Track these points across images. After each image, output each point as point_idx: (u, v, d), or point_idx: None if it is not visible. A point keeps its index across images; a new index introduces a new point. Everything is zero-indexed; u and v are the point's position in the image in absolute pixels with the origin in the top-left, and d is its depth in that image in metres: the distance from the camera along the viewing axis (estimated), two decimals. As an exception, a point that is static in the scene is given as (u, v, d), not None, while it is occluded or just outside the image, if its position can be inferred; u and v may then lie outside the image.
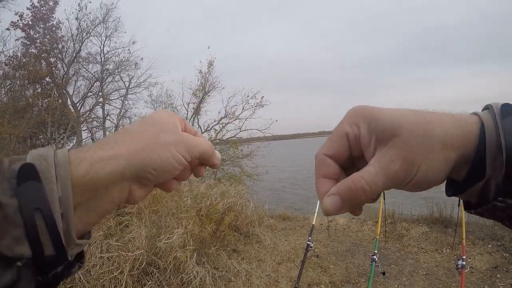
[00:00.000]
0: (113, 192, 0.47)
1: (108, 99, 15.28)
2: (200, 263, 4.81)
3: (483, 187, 0.44)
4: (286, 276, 5.35)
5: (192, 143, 0.54)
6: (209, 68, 13.88)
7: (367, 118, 0.46)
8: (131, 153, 0.48)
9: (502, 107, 0.44)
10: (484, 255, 5.84)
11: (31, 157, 0.42)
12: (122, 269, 3.99)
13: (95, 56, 14.99)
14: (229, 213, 6.26)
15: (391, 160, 0.43)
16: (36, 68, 12.66)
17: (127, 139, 0.49)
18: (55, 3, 14.48)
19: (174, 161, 0.51)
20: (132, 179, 0.48)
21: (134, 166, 0.47)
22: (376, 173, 0.43)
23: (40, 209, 0.39)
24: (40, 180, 0.40)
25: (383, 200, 5.35)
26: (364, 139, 0.46)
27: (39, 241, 0.38)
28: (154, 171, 0.49)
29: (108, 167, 0.45)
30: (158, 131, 0.52)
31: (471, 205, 0.48)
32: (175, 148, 0.51)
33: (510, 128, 0.41)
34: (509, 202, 0.41)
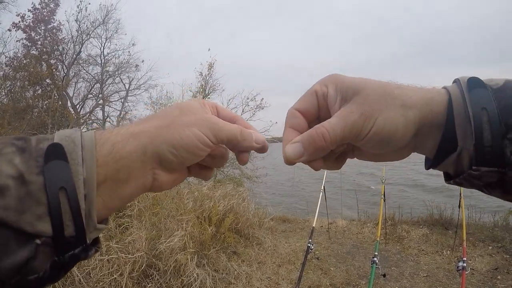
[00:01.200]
0: (136, 174, 0.46)
1: (108, 101, 15.30)
2: (200, 265, 4.80)
3: (457, 158, 0.46)
4: (287, 279, 5.34)
5: (217, 124, 0.51)
6: (209, 70, 13.88)
7: (335, 80, 0.52)
8: (151, 131, 0.47)
9: (469, 80, 0.47)
10: (485, 256, 5.83)
11: (58, 138, 0.42)
12: (122, 272, 3.98)
13: (95, 58, 15.04)
14: (230, 215, 6.25)
15: (350, 111, 0.48)
16: (37, 69, 12.67)
17: (150, 120, 0.49)
18: (56, 5, 14.51)
19: (195, 140, 0.48)
20: (154, 159, 0.47)
21: (154, 144, 0.46)
22: (336, 122, 0.48)
23: (65, 188, 0.39)
24: (67, 160, 0.40)
25: (383, 202, 5.34)
26: (331, 97, 0.52)
27: (61, 220, 0.38)
28: (175, 149, 0.47)
29: (129, 145, 0.45)
30: (181, 113, 0.51)
31: (450, 176, 0.50)
32: (197, 127, 0.49)
33: (477, 99, 0.44)
34: (483, 169, 0.43)
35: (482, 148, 0.42)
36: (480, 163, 0.43)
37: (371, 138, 0.48)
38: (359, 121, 0.48)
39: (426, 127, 0.48)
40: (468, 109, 0.44)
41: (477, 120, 0.43)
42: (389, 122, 0.47)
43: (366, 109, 0.48)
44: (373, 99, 0.48)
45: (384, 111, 0.47)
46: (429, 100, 0.47)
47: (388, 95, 0.48)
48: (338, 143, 0.50)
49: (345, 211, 10.02)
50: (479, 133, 0.42)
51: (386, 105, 0.47)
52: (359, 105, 0.48)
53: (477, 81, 0.46)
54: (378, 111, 0.47)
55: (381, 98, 0.48)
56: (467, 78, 0.47)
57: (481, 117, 0.43)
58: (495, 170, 0.43)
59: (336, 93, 0.51)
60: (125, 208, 4.86)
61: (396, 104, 0.47)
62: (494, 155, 0.42)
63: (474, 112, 0.43)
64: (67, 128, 0.49)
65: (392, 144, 0.49)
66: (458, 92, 0.46)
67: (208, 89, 13.92)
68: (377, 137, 0.48)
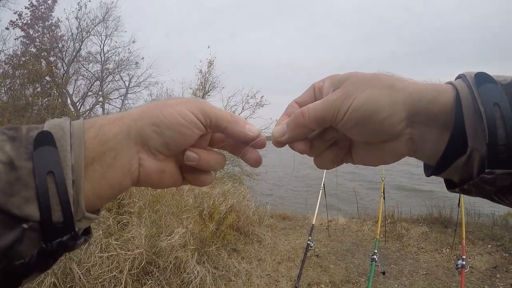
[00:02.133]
0: (122, 157, 0.46)
1: (108, 98, 15.28)
2: (200, 263, 4.81)
3: (467, 160, 0.42)
4: (286, 276, 5.35)
5: (206, 103, 0.51)
6: (209, 67, 13.88)
7: (332, 76, 0.54)
8: (136, 113, 0.48)
9: (476, 76, 0.43)
10: (484, 255, 5.84)
11: (48, 126, 0.43)
12: (121, 268, 3.98)
13: (95, 55, 15.01)
14: (231, 213, 6.26)
15: (333, 93, 0.49)
16: (36, 67, 12.65)
17: (140, 107, 0.50)
18: (54, 2, 14.46)
19: (178, 116, 0.48)
20: (138, 140, 0.47)
21: (138, 125, 0.47)
22: (317, 103, 0.50)
23: (53, 172, 0.39)
24: (56, 146, 0.41)
25: (383, 200, 5.34)
26: (325, 89, 0.54)
27: (49, 204, 0.38)
28: (157, 127, 0.47)
29: (114, 127, 0.46)
30: (170, 99, 0.51)
31: (454, 184, 0.47)
32: (184, 105, 0.49)
33: (487, 95, 0.41)
34: (498, 172, 0.39)
35: (496, 147, 0.39)
36: (494, 165, 0.39)
37: (350, 116, 0.47)
38: (339, 99, 0.48)
39: (424, 118, 0.45)
40: (478, 105, 0.40)
41: (490, 116, 0.39)
42: (370, 98, 0.46)
43: (349, 89, 0.48)
44: (359, 81, 0.48)
45: (367, 89, 0.46)
46: (431, 92, 0.44)
47: (376, 78, 0.48)
48: (318, 121, 0.50)
49: (345, 208, 10.04)
50: (493, 130, 0.39)
51: (371, 85, 0.47)
52: (343, 88, 0.49)
53: (485, 76, 0.43)
54: (361, 90, 0.47)
55: (367, 80, 0.48)
56: (474, 73, 0.44)
57: (494, 113, 0.39)
58: (510, 172, 0.39)
59: (330, 86, 0.53)
60: (125, 205, 4.87)
61: (383, 84, 0.46)
62: (509, 154, 0.39)
63: (486, 108, 0.39)
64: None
65: (376, 125, 0.46)
66: (465, 87, 0.43)
67: (208, 86, 13.93)
68: (356, 114, 0.46)
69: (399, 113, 0.45)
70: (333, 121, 0.49)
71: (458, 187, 0.46)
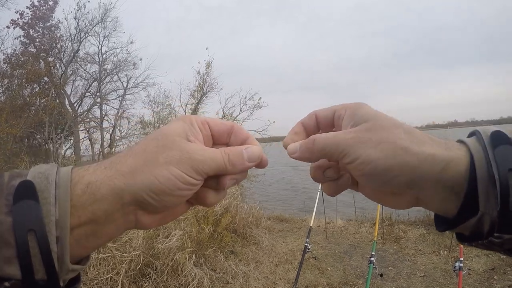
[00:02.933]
0: (114, 217, 0.44)
1: (106, 99, 15.30)
2: (198, 265, 4.80)
3: (477, 222, 0.42)
4: (284, 278, 5.34)
5: (199, 158, 0.46)
6: (207, 69, 13.94)
7: (354, 108, 0.51)
8: (126, 174, 0.44)
9: (492, 136, 0.43)
10: (482, 257, 5.83)
11: (32, 174, 0.40)
12: (118, 270, 3.97)
13: (93, 56, 15.04)
14: (226, 214, 6.25)
15: (348, 132, 0.48)
16: (35, 67, 12.65)
17: (128, 159, 0.45)
18: (55, 3, 14.50)
19: (176, 181, 0.44)
20: (132, 204, 0.44)
21: (130, 190, 0.43)
22: (329, 135, 0.49)
23: (34, 230, 0.37)
24: (38, 200, 0.38)
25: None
26: (345, 121, 0.51)
27: (30, 264, 0.37)
28: (155, 195, 0.44)
29: (103, 188, 0.42)
30: (159, 148, 0.46)
31: (464, 237, 0.47)
32: (177, 166, 0.44)
33: (503, 159, 0.40)
34: (506, 237, 0.40)
35: (508, 214, 0.38)
36: (503, 230, 0.39)
37: (358, 167, 0.46)
38: (348, 142, 0.46)
39: (433, 184, 0.44)
40: (492, 170, 0.40)
41: (504, 183, 0.38)
42: (381, 157, 0.44)
43: (364, 136, 0.46)
44: (376, 130, 0.46)
45: (381, 145, 0.45)
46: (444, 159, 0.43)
47: (394, 133, 0.46)
48: (324, 155, 0.50)
49: (342, 210, 10.03)
50: (505, 197, 0.38)
51: (386, 141, 0.45)
52: (358, 130, 0.47)
53: (502, 136, 0.42)
54: (375, 143, 0.45)
55: (385, 132, 0.46)
56: (490, 132, 0.43)
57: (508, 180, 0.38)
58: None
59: (350, 118, 0.50)
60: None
61: (398, 143, 0.44)
62: None
63: (501, 173, 0.39)
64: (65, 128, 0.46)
65: (382, 182, 0.46)
66: (480, 149, 0.42)
67: (206, 87, 13.95)
68: (365, 167, 0.46)
69: (405, 176, 0.44)
70: (340, 161, 0.49)
71: (468, 242, 0.46)
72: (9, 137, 9.82)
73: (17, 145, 11.00)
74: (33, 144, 13.25)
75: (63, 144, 13.82)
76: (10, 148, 9.74)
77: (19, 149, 10.52)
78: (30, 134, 12.34)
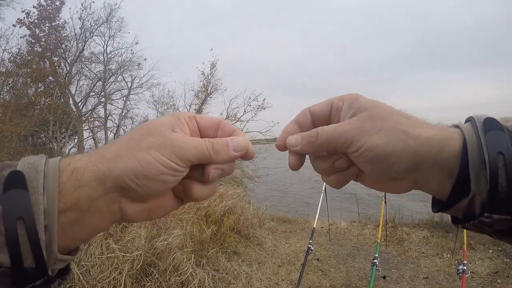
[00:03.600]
0: (98, 204, 0.44)
1: (110, 99, 15.33)
2: (200, 265, 4.80)
3: (469, 203, 0.45)
4: (287, 279, 5.33)
5: (182, 144, 0.47)
6: (211, 70, 13.96)
7: (351, 98, 0.53)
8: (109, 159, 0.44)
9: (485, 121, 0.45)
10: (485, 260, 5.82)
11: (21, 165, 0.41)
12: (121, 270, 3.98)
13: (98, 56, 15.07)
14: (229, 215, 6.25)
15: (349, 123, 0.50)
16: (40, 66, 12.70)
17: (112, 146, 0.47)
18: (62, 3, 14.55)
19: (158, 165, 0.45)
20: (115, 189, 0.44)
21: (113, 174, 0.43)
22: (332, 127, 0.51)
23: (23, 218, 0.38)
24: (27, 189, 0.39)
25: (384, 204, 5.33)
26: (343, 112, 0.53)
27: (19, 251, 0.37)
28: (137, 179, 0.44)
29: (87, 173, 0.43)
30: (143, 135, 0.47)
31: (458, 219, 0.49)
32: (158, 150, 0.45)
33: (493, 143, 0.43)
34: (496, 217, 0.42)
35: (496, 195, 0.41)
36: (493, 210, 0.42)
37: (363, 154, 0.48)
38: (352, 131, 0.49)
39: (430, 165, 0.47)
40: (483, 153, 0.43)
41: (493, 165, 0.41)
42: (384, 142, 0.47)
43: (366, 124, 0.48)
44: (375, 118, 0.49)
45: (383, 131, 0.47)
46: (440, 141, 0.46)
47: (393, 120, 0.48)
48: (328, 148, 0.52)
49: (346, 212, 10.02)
50: (494, 179, 0.41)
51: (387, 127, 0.48)
52: (360, 120, 0.49)
53: (493, 122, 0.45)
54: (377, 129, 0.48)
55: (384, 119, 0.48)
56: (483, 118, 0.46)
57: (497, 162, 0.41)
58: (508, 218, 0.42)
59: (348, 109, 0.52)
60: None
61: (399, 129, 0.47)
62: (508, 202, 0.41)
63: (490, 156, 0.42)
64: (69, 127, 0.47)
65: (386, 166, 0.48)
66: (473, 133, 0.45)
67: (210, 88, 13.97)
68: (369, 154, 0.48)
69: (408, 159, 0.47)
70: (345, 150, 0.50)
71: (460, 224, 0.49)
72: (14, 136, 9.85)
73: (21, 143, 11.05)
74: (37, 143, 13.29)
75: (67, 143, 13.88)
76: (15, 146, 9.78)
77: (23, 148, 10.58)
78: (34, 133, 12.38)
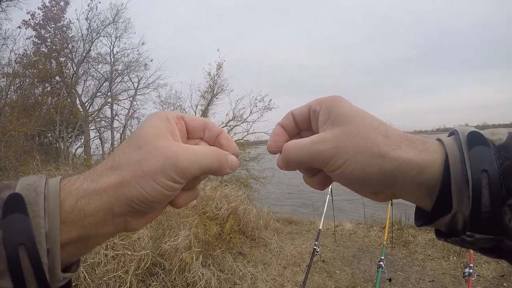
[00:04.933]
0: (105, 228, 0.45)
1: (117, 99, 15.43)
2: (206, 265, 4.81)
3: (451, 219, 0.43)
4: (292, 280, 5.33)
5: (187, 164, 0.46)
6: (218, 70, 13.97)
7: (330, 103, 0.51)
8: (114, 188, 0.44)
9: (469, 136, 0.43)
10: (491, 263, 5.78)
11: (20, 186, 0.40)
12: (127, 269, 3.98)
13: (104, 56, 15.18)
14: (233, 216, 6.26)
15: (324, 140, 0.48)
16: (46, 67, 12.78)
17: (114, 172, 0.45)
18: (66, 4, 14.64)
19: (162, 190, 0.45)
20: (123, 214, 0.45)
21: (120, 203, 0.44)
22: (306, 144, 0.49)
23: (25, 244, 0.37)
24: (27, 213, 0.38)
25: (390, 207, 5.31)
26: (321, 117, 0.51)
27: (22, 276, 0.37)
28: (143, 204, 0.45)
29: (93, 203, 0.43)
30: (142, 155, 0.46)
31: (441, 233, 0.47)
32: (162, 175, 0.45)
33: (477, 160, 0.41)
34: (477, 237, 0.40)
35: (479, 214, 0.39)
36: (475, 229, 0.40)
37: (338, 176, 0.48)
38: (328, 152, 0.47)
39: (407, 186, 0.45)
40: (466, 171, 0.41)
41: (476, 184, 0.39)
42: (358, 167, 0.46)
43: (341, 144, 0.46)
44: (353, 136, 0.46)
45: (358, 155, 0.46)
46: (420, 163, 0.44)
47: (371, 139, 0.46)
48: (300, 164, 0.51)
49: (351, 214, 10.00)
50: (477, 198, 0.39)
51: (363, 150, 0.46)
52: (336, 137, 0.47)
53: (478, 136, 0.43)
54: (352, 152, 0.46)
55: (361, 138, 0.46)
56: (467, 132, 0.44)
57: (481, 180, 0.39)
58: (490, 238, 0.40)
59: (325, 116, 0.51)
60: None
61: (375, 151, 0.45)
62: (491, 222, 0.39)
63: (473, 174, 0.40)
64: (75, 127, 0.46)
65: (361, 187, 0.49)
66: (456, 149, 0.43)
67: (216, 89, 13.98)
68: (344, 177, 0.47)
69: (383, 181, 0.46)
70: (321, 168, 0.50)
71: (443, 239, 0.47)
72: (21, 135, 9.92)
73: (28, 143, 11.12)
74: (44, 142, 13.38)
75: (73, 143, 13.95)
76: (22, 145, 9.84)
77: (30, 147, 10.64)
78: (41, 132, 12.46)
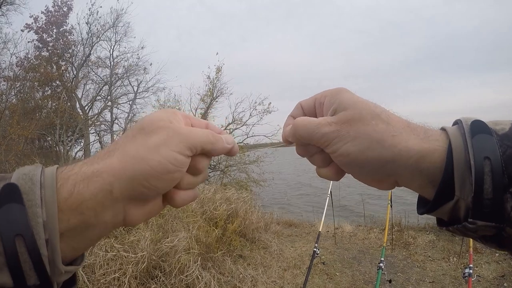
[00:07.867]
0: (104, 216, 0.42)
1: (117, 103, 15.41)
2: (206, 268, 4.80)
3: (453, 207, 0.44)
4: (292, 283, 5.32)
5: (187, 133, 0.46)
6: (217, 74, 13.95)
7: (334, 94, 0.52)
8: (115, 167, 0.42)
9: (472, 124, 0.44)
10: (491, 263, 5.78)
11: (16, 176, 0.39)
12: (125, 271, 3.98)
13: (104, 60, 15.17)
14: (234, 219, 6.26)
15: (328, 123, 0.49)
16: (47, 70, 12.80)
17: (113, 153, 0.44)
18: (69, 9, 14.67)
19: (168, 163, 0.43)
20: (123, 197, 0.43)
21: (121, 181, 0.42)
22: (313, 123, 0.50)
23: (22, 235, 0.35)
24: (23, 203, 0.37)
25: (390, 208, 5.31)
26: (325, 107, 0.53)
27: (21, 269, 0.35)
28: (147, 181, 0.43)
29: (92, 185, 0.40)
30: (144, 134, 0.45)
31: (443, 222, 0.48)
32: (166, 146, 0.44)
33: (479, 147, 0.41)
34: (479, 223, 0.41)
35: (481, 201, 0.40)
36: (477, 216, 0.40)
37: (338, 158, 0.49)
38: (330, 135, 0.49)
39: (409, 173, 0.46)
40: (469, 157, 0.41)
41: (479, 170, 0.40)
42: (358, 150, 0.47)
43: (343, 128, 0.48)
44: (354, 122, 0.48)
45: (358, 139, 0.47)
46: (421, 150, 0.45)
47: (371, 125, 0.47)
48: (305, 139, 0.52)
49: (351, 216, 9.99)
50: (479, 184, 0.40)
51: (363, 134, 0.47)
52: (338, 122, 0.49)
53: (481, 125, 0.44)
54: (352, 136, 0.47)
55: (363, 124, 0.47)
56: (471, 121, 0.45)
57: (483, 168, 0.40)
58: (492, 225, 0.40)
59: (329, 104, 0.52)
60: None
61: (374, 137, 0.46)
62: (493, 209, 0.40)
63: (476, 161, 0.40)
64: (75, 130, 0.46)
65: (360, 171, 0.50)
66: (459, 136, 0.44)
67: (215, 92, 13.98)
68: (344, 159, 0.49)
69: (382, 167, 0.47)
70: (323, 148, 0.52)
71: (445, 227, 0.48)
72: (21, 139, 9.92)
73: (28, 146, 11.12)
74: (44, 146, 13.37)
75: (73, 146, 13.93)
76: (22, 149, 9.84)
77: (30, 151, 10.64)
78: (41, 136, 12.46)
